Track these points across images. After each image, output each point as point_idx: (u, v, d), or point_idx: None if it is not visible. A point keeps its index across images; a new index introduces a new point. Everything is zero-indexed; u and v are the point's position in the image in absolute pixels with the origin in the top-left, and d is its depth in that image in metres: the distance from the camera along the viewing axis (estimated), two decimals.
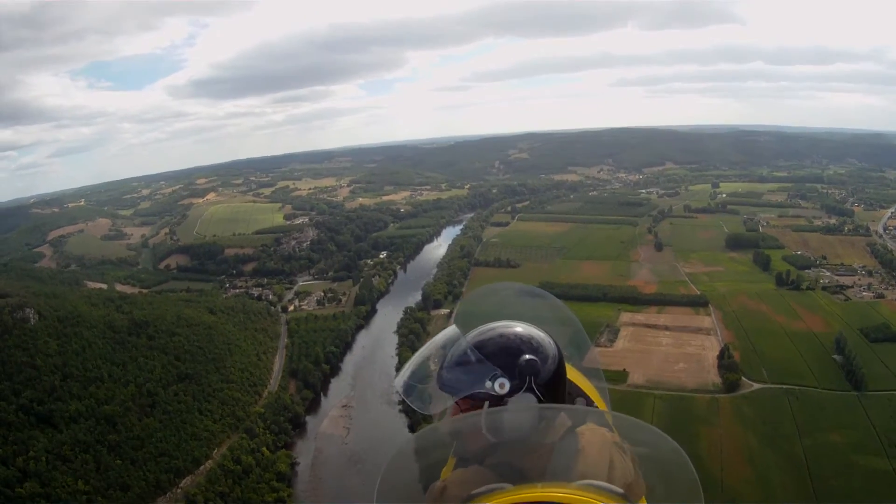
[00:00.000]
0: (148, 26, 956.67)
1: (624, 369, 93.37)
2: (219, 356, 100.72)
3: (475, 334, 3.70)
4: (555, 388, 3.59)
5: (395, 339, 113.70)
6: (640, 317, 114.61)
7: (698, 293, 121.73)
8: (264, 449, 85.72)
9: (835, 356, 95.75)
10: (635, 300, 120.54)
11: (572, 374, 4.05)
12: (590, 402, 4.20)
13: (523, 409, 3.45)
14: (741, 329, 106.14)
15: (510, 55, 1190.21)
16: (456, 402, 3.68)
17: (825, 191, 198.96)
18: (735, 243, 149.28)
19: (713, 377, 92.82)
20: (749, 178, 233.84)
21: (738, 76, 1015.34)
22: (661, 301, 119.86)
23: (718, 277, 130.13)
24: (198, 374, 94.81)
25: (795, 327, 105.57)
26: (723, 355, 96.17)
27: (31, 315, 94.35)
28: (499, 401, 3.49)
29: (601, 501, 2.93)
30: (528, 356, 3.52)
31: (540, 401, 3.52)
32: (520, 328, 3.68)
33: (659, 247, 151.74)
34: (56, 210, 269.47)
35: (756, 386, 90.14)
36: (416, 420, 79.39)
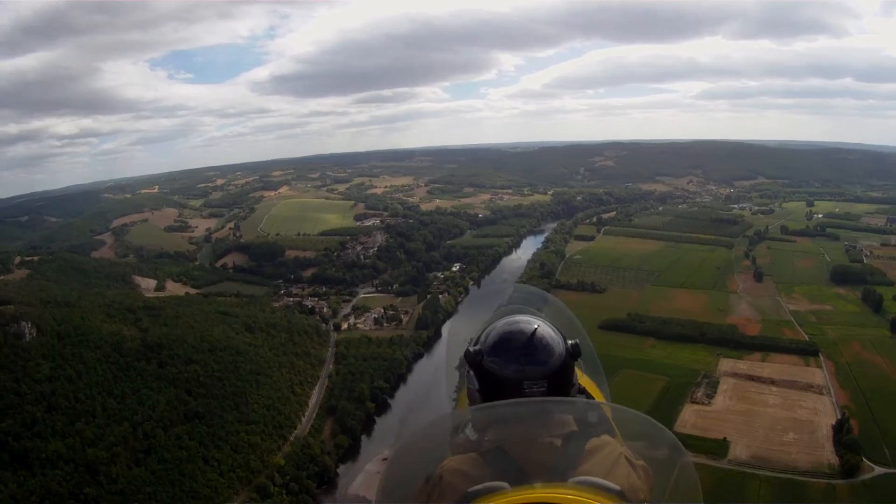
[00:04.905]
0: (226, 14, 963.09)
1: (724, 438, 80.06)
2: (240, 390, 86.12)
3: (509, 320, 3.93)
4: (559, 382, 3.71)
5: (455, 376, 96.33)
6: (742, 365, 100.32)
7: (806, 339, 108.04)
8: None
9: None
10: (736, 343, 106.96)
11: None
12: (589, 397, 4.25)
13: (523, 402, 3.52)
14: (857, 389, 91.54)
15: (596, 61, 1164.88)
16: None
17: None
18: (841, 277, 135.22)
19: (829, 455, 77.77)
20: (843, 198, 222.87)
21: (828, 93, 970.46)
22: (765, 346, 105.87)
23: (827, 319, 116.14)
24: (210, 412, 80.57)
25: None
26: (840, 427, 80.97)
27: (26, 330, 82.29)
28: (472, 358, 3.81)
29: (598, 500, 2.95)
30: (474, 348, 3.84)
31: (485, 386, 3.77)
32: (536, 324, 3.84)
33: (759, 276, 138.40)
34: (128, 196, 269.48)
35: (878, 470, 74.98)
36: None
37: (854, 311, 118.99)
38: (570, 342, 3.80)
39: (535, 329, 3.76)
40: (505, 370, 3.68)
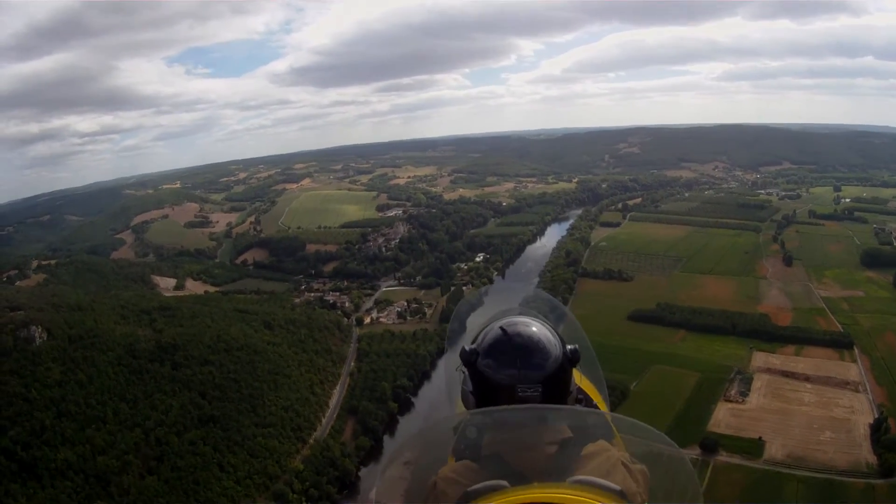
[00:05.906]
0: (240, 10, 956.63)
1: (760, 437, 78.54)
2: (257, 392, 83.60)
3: (507, 321, 3.78)
4: (554, 387, 3.63)
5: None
6: (775, 360, 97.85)
7: (840, 329, 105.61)
8: None
9: None
10: (769, 335, 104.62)
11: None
12: (590, 404, 4.22)
13: (522, 408, 3.48)
14: (893, 385, 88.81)
15: (615, 44, 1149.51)
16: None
17: None
18: (872, 260, 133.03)
19: (867, 454, 75.73)
20: (870, 182, 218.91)
21: (849, 72, 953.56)
22: (798, 338, 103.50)
23: (859, 306, 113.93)
24: (226, 416, 78.15)
25: None
26: (878, 427, 78.87)
27: (36, 334, 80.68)
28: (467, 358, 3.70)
29: (597, 500, 2.97)
30: (469, 347, 3.72)
31: (479, 389, 3.67)
32: (534, 328, 3.73)
33: (788, 260, 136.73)
34: (150, 191, 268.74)
35: None
36: None
37: (886, 298, 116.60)
38: (569, 347, 3.69)
39: (533, 332, 3.65)
40: (499, 373, 3.58)
